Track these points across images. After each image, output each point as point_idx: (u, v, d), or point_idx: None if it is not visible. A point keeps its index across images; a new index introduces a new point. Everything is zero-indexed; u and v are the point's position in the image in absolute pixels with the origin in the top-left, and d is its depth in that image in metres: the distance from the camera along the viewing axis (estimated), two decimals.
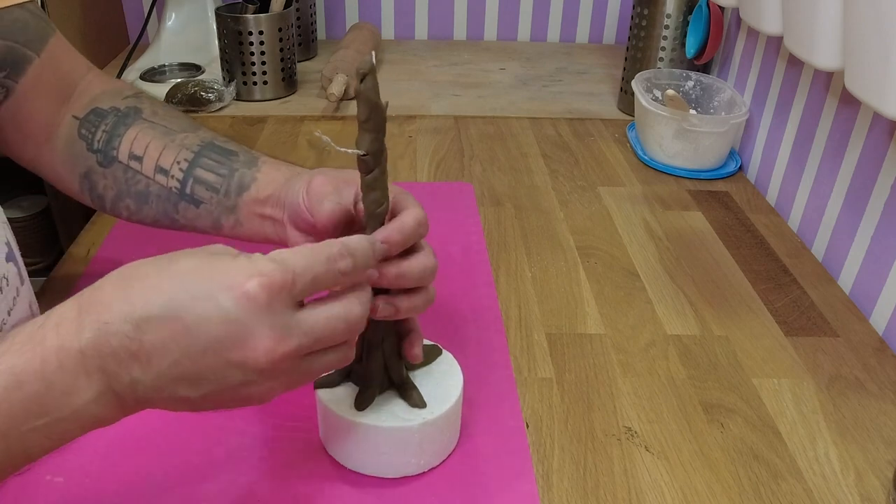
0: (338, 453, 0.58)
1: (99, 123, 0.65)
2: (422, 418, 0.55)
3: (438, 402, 0.56)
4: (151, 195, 0.63)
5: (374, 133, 0.49)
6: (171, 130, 0.64)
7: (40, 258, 1.35)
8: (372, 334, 0.54)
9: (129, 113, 0.65)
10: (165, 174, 0.62)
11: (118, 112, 0.65)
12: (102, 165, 0.64)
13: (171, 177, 0.62)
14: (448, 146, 1.10)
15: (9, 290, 0.56)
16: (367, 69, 0.46)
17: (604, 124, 1.19)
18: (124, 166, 0.64)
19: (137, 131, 0.64)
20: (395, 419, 0.55)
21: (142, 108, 0.66)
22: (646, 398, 0.66)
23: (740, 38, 1.13)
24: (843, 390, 0.68)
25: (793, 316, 0.77)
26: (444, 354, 0.61)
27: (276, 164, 0.63)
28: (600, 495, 0.57)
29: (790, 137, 0.97)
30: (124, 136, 0.64)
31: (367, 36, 1.36)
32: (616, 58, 1.45)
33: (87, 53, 0.71)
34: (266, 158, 0.63)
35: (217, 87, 1.18)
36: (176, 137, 0.63)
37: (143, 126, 0.64)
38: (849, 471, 0.60)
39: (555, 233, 0.90)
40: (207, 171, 0.62)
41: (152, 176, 0.63)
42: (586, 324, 0.75)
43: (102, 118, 0.65)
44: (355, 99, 0.48)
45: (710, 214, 0.95)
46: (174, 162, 0.62)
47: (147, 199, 0.64)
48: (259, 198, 0.61)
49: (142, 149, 0.63)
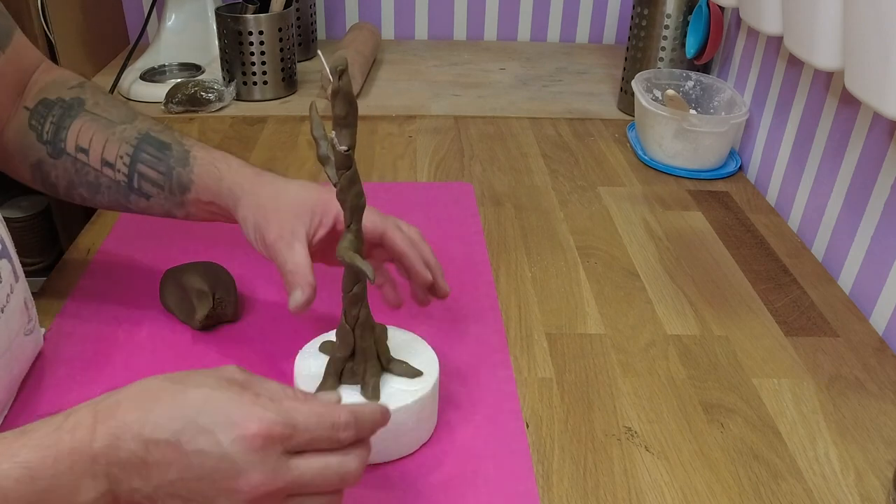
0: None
1: (47, 115, 0.66)
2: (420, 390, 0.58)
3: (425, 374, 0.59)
4: (102, 186, 0.66)
5: (352, 128, 0.50)
6: (111, 122, 0.66)
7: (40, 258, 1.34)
8: (364, 342, 0.57)
9: (74, 104, 0.67)
10: (112, 167, 0.65)
11: (63, 103, 0.67)
12: (52, 157, 0.66)
13: (117, 170, 0.65)
14: (448, 146, 1.10)
15: (2, 286, 0.56)
16: (344, 65, 0.47)
17: (604, 124, 1.19)
18: (73, 158, 0.66)
19: (82, 123, 0.66)
20: (398, 398, 0.57)
21: (85, 99, 0.67)
22: (646, 398, 0.66)
23: (740, 38, 1.13)
24: (843, 390, 0.68)
25: (793, 316, 0.77)
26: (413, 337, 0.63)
27: (206, 162, 0.65)
28: (600, 495, 0.57)
29: (790, 137, 0.97)
30: (70, 129, 0.66)
31: (367, 36, 1.36)
32: (616, 58, 1.45)
33: (87, 53, 0.72)
34: (195, 153, 0.65)
35: (217, 87, 1.18)
36: (116, 130, 0.65)
37: (86, 118, 0.66)
38: (849, 471, 0.60)
39: (555, 233, 0.90)
40: (149, 168, 0.65)
41: (100, 168, 0.65)
42: (586, 324, 0.75)
43: (50, 109, 0.67)
44: (333, 95, 0.49)
45: (710, 214, 0.95)
46: (117, 156, 0.65)
47: (98, 189, 0.66)
48: (201, 199, 0.65)
49: (87, 141, 0.65)
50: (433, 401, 0.60)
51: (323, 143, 0.54)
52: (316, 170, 1.02)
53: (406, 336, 0.63)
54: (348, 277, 0.55)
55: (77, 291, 0.76)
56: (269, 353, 0.69)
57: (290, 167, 1.03)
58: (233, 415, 0.43)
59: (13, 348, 0.59)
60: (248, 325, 0.72)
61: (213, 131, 1.13)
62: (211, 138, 1.10)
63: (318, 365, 0.59)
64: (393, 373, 0.59)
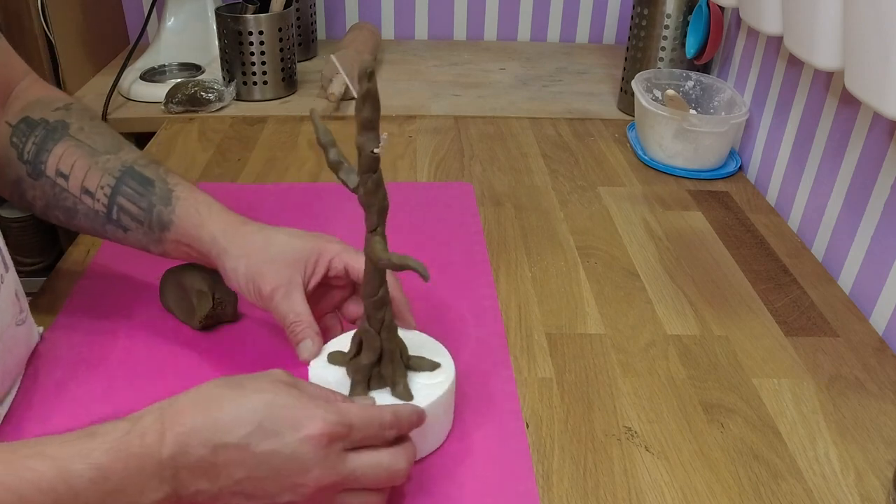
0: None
1: (29, 134, 0.65)
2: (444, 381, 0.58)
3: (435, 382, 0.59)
4: (79, 213, 0.65)
5: (377, 130, 0.50)
6: (95, 151, 0.65)
7: (40, 258, 1.34)
8: (390, 343, 0.57)
9: (58, 127, 0.66)
10: (91, 196, 0.64)
11: (47, 125, 0.66)
12: (32, 177, 0.65)
13: (96, 200, 0.64)
14: (448, 146, 1.10)
15: None
16: (372, 68, 0.47)
17: (604, 124, 1.19)
18: (52, 181, 0.65)
19: (64, 148, 0.65)
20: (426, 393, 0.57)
21: (69, 123, 0.66)
22: (646, 398, 0.66)
23: (740, 38, 1.13)
24: (843, 390, 0.68)
25: (793, 316, 0.77)
26: (434, 344, 0.63)
27: (188, 205, 0.64)
28: (600, 495, 0.57)
29: (790, 137, 0.97)
30: (52, 152, 0.65)
31: (367, 36, 1.36)
32: (616, 58, 1.45)
33: (87, 53, 0.71)
34: (178, 193, 0.64)
35: (217, 87, 1.18)
36: (99, 159, 0.65)
37: (69, 143, 0.65)
38: (849, 471, 0.60)
39: (555, 233, 0.90)
40: (130, 202, 0.64)
41: (79, 196, 0.64)
42: (586, 324, 0.75)
43: (32, 129, 0.65)
44: (363, 98, 0.48)
45: (710, 214, 0.95)
46: (98, 186, 0.64)
47: (75, 215, 0.66)
48: (181, 241, 0.64)
49: (68, 167, 0.64)
50: (453, 389, 0.60)
51: (332, 149, 0.53)
52: (316, 170, 1.02)
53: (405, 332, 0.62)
54: (372, 281, 0.55)
55: (77, 291, 0.76)
56: (269, 353, 0.69)
57: (290, 167, 1.03)
58: (297, 417, 0.47)
59: (5, 339, 0.59)
60: (248, 325, 0.72)
61: (213, 131, 1.13)
62: (211, 138, 1.10)
63: (334, 375, 0.59)
64: (414, 369, 0.59)
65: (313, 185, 0.98)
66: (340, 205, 0.92)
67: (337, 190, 0.59)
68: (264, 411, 0.47)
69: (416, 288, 0.67)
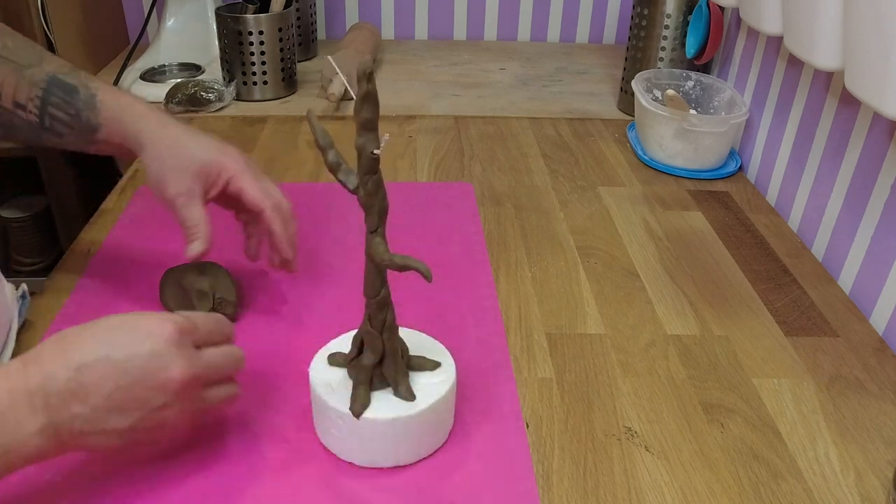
0: (337, 448, 0.58)
1: None
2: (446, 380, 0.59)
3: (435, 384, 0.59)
4: (16, 126, 0.69)
5: (377, 131, 0.50)
6: (20, 66, 0.68)
7: (40, 258, 1.34)
8: (392, 343, 0.57)
9: None
10: (24, 109, 0.68)
11: None
12: None
13: (29, 112, 0.68)
14: (448, 146, 1.10)
15: None
16: (371, 68, 0.47)
17: (604, 124, 1.19)
18: None
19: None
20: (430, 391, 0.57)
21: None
22: (646, 398, 0.66)
23: (740, 38, 1.13)
24: (843, 390, 0.68)
25: (793, 316, 0.77)
26: (434, 344, 0.63)
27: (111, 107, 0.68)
28: (600, 495, 0.57)
29: (790, 137, 0.97)
30: None
31: (367, 36, 1.36)
32: (616, 58, 1.45)
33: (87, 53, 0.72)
34: (102, 98, 0.68)
35: (217, 87, 1.18)
36: (26, 73, 0.68)
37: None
38: (849, 471, 0.60)
39: (555, 233, 0.90)
40: (59, 111, 0.68)
41: (13, 110, 0.68)
42: (586, 324, 0.75)
43: None
44: (362, 99, 0.48)
45: (710, 214, 0.95)
46: (28, 99, 0.68)
47: (12, 128, 0.69)
48: (110, 140, 0.69)
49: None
50: (454, 388, 0.60)
51: (331, 151, 0.53)
52: (316, 170, 1.02)
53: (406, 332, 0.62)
54: (373, 282, 0.55)
55: (77, 291, 0.76)
56: (269, 352, 0.69)
57: (291, 167, 1.03)
58: (148, 323, 0.51)
59: None
60: (248, 325, 0.72)
61: (213, 131, 1.12)
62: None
63: (335, 376, 0.59)
64: (415, 369, 0.59)
65: (313, 185, 0.98)
66: (340, 205, 0.92)
67: (337, 190, 0.59)
68: (118, 328, 0.51)
69: (416, 288, 0.67)
